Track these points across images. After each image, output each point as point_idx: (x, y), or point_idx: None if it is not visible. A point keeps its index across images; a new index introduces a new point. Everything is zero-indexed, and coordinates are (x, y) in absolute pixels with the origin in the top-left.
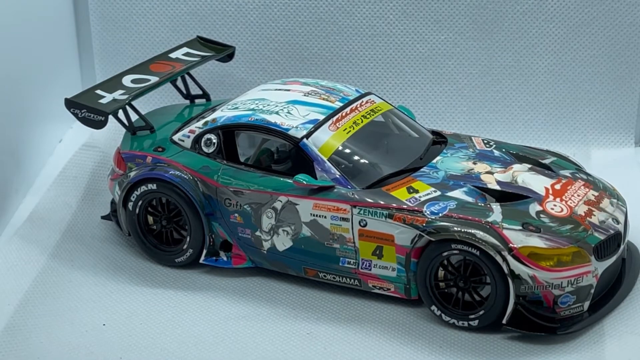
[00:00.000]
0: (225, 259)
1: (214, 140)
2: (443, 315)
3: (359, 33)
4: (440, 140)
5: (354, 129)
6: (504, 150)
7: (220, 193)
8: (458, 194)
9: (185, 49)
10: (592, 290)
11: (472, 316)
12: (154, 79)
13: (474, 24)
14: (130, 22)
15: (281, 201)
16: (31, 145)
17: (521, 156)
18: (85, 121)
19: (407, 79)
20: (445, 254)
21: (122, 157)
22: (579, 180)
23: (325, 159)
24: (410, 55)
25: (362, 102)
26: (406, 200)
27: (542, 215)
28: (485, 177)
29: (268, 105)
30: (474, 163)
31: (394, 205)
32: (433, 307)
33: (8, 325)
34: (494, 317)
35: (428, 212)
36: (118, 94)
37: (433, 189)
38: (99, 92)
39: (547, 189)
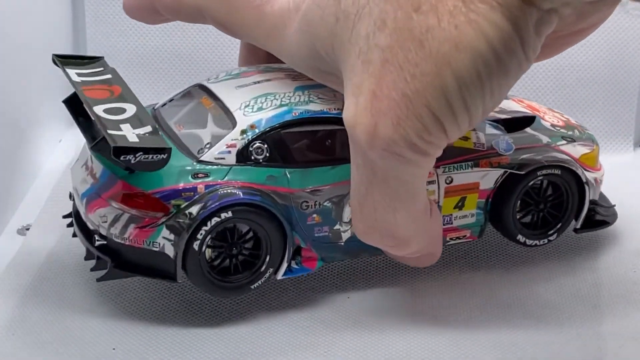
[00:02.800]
0: (296, 266)
1: (264, 147)
2: (527, 240)
3: None
4: None
5: None
6: None
7: (295, 198)
8: (491, 129)
9: (72, 71)
10: None
11: (551, 232)
12: (129, 107)
13: None
14: (124, 25)
15: None
16: (31, 145)
17: None
18: (142, 165)
19: None
20: (531, 183)
21: (158, 198)
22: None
23: None
24: None
25: None
26: (473, 146)
27: (555, 127)
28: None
29: (288, 97)
30: None
31: (474, 153)
32: (519, 237)
33: (14, 355)
34: (567, 227)
35: (503, 151)
36: (134, 128)
37: (474, 131)
38: (113, 132)
39: (530, 107)
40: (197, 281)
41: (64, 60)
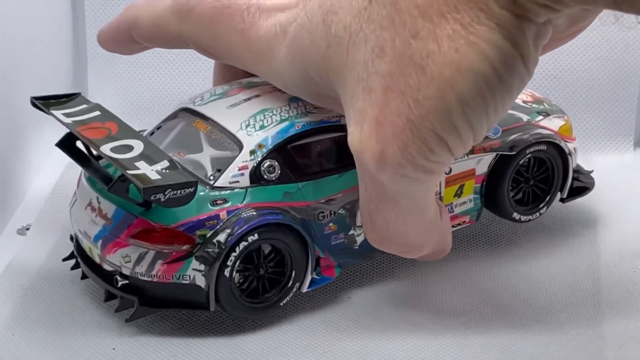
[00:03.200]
0: (317, 276)
1: (275, 164)
2: (521, 217)
3: None
4: None
5: None
6: None
7: (311, 210)
8: None
9: (58, 113)
10: None
11: (541, 205)
12: (135, 143)
13: None
14: None
15: None
16: (31, 145)
17: None
18: (171, 202)
19: None
20: (521, 161)
21: (182, 231)
22: None
23: None
24: None
25: None
26: None
27: (527, 103)
28: None
29: (286, 111)
30: None
31: None
32: (514, 215)
33: (14, 355)
34: (554, 199)
35: (492, 134)
36: (150, 165)
37: None
38: (133, 172)
39: None
40: (230, 307)
41: (45, 103)
